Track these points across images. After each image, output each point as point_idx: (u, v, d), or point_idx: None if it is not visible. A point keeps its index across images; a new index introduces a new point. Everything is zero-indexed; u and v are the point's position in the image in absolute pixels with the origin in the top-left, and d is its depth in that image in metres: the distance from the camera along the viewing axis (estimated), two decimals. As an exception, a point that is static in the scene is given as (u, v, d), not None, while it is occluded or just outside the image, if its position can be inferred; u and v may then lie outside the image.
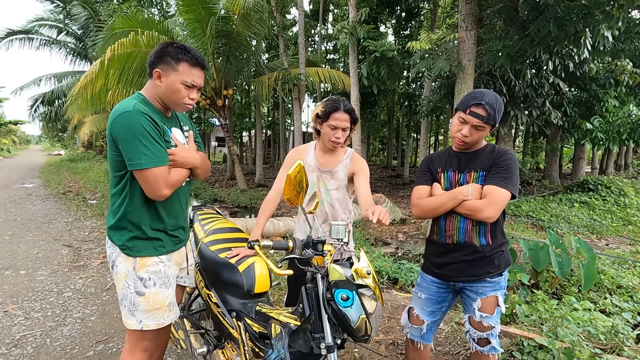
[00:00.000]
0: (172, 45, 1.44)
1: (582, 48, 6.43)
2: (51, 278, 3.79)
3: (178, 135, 1.56)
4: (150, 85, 1.49)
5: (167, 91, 1.44)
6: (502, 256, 1.71)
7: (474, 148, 1.74)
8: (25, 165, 20.20)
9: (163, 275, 1.52)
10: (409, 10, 13.08)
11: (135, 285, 1.48)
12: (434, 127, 21.36)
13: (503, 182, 1.60)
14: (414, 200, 1.80)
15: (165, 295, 1.53)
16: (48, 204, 8.00)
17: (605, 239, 6.87)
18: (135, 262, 1.47)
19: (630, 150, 20.02)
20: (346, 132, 1.89)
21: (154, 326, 1.50)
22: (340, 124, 1.83)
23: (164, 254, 1.54)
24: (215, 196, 11.65)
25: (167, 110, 1.55)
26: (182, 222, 1.64)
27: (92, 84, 8.43)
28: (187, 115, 1.75)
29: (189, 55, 1.43)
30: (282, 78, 11.20)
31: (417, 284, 1.89)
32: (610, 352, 2.30)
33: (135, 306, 1.48)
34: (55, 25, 17.61)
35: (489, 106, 1.59)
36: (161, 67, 1.42)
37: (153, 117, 1.40)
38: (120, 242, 1.47)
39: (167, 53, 1.42)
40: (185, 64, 1.42)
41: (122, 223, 1.48)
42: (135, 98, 1.44)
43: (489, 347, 1.69)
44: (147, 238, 1.49)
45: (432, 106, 9.69)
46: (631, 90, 9.75)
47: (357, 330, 1.25)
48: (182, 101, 1.47)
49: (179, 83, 1.42)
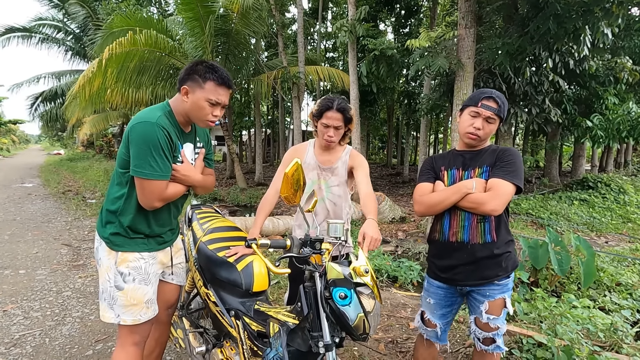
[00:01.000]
0: (202, 64, 1.49)
1: (581, 45, 6.42)
2: (50, 277, 3.78)
3: (188, 151, 1.62)
4: (177, 100, 1.55)
5: (192, 107, 1.50)
6: (510, 258, 1.68)
7: (479, 147, 1.73)
8: (24, 164, 20.18)
9: (143, 272, 1.55)
10: (409, 8, 13.05)
11: (115, 279, 1.51)
12: (434, 125, 21.32)
13: (508, 175, 1.59)
14: (416, 197, 1.77)
15: (143, 292, 1.55)
16: (47, 203, 7.99)
17: (604, 237, 6.88)
18: (117, 256, 1.52)
19: (630, 148, 20.03)
20: (339, 131, 1.89)
21: (130, 322, 1.54)
22: (332, 122, 1.84)
23: (146, 251, 1.57)
24: (214, 195, 11.64)
25: (188, 125, 1.61)
26: (170, 226, 1.67)
27: (90, 83, 8.40)
28: (208, 132, 1.81)
29: (216, 75, 1.48)
30: (281, 76, 11.18)
31: (424, 288, 1.87)
32: (609, 349, 2.30)
33: (114, 300, 1.52)
34: (54, 24, 17.58)
35: (499, 99, 1.64)
36: (189, 84, 1.48)
37: (170, 132, 1.47)
38: (105, 235, 1.53)
39: (196, 71, 1.47)
40: (212, 82, 1.47)
41: (112, 217, 1.53)
42: (162, 109, 1.50)
43: (493, 346, 1.69)
44: (129, 237, 1.54)
45: (431, 104, 9.67)
46: (631, 88, 9.74)
47: (355, 329, 1.25)
48: (206, 118, 1.52)
49: (204, 101, 1.48)
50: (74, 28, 17.57)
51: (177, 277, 1.80)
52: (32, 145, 78.64)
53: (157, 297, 1.65)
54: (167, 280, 1.76)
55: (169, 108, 1.53)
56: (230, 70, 10.94)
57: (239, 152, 23.59)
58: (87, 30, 15.93)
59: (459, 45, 6.46)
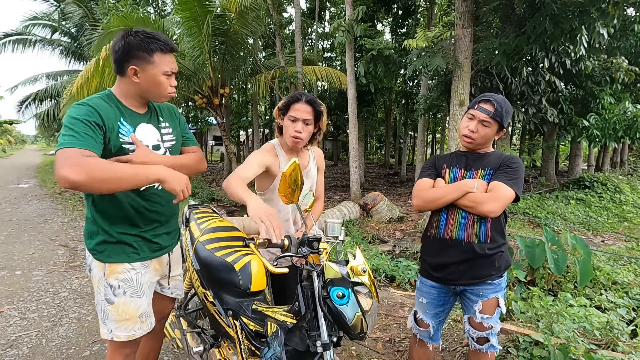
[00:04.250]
0: (134, 35, 1.31)
1: (578, 45, 6.45)
2: (47, 278, 3.77)
3: (145, 131, 1.41)
4: (122, 84, 1.37)
5: (149, 86, 1.36)
6: (502, 257, 1.70)
7: (482, 150, 1.73)
8: (21, 165, 20.07)
9: (134, 283, 1.42)
10: (406, 8, 13.07)
11: (105, 292, 1.39)
12: (431, 125, 21.35)
13: (510, 181, 1.60)
14: (416, 192, 1.77)
15: (136, 306, 1.43)
16: (44, 203, 7.95)
17: (601, 236, 6.91)
18: (105, 267, 1.39)
19: (626, 147, 20.11)
20: (308, 127, 1.71)
21: (124, 337, 1.42)
22: (300, 115, 1.66)
23: (137, 260, 1.43)
24: (212, 195, 11.61)
25: (143, 106, 1.44)
26: (165, 228, 1.54)
27: (88, 83, 8.36)
28: (174, 109, 1.62)
29: (160, 43, 1.32)
30: (279, 76, 11.18)
31: (417, 288, 1.89)
32: (605, 347, 2.32)
33: (106, 315, 1.41)
34: (49, 24, 17.46)
35: (496, 102, 1.63)
36: (135, 63, 1.31)
37: (104, 111, 1.28)
38: (91, 246, 1.40)
39: (136, 46, 1.29)
40: (159, 53, 1.33)
41: (92, 226, 1.41)
42: (98, 95, 1.35)
43: (487, 345, 1.70)
44: (116, 242, 1.39)
45: (429, 104, 9.69)
46: (627, 88, 9.81)
47: (353, 328, 1.25)
48: (166, 92, 1.40)
49: (161, 75, 1.35)
50: (70, 27, 17.47)
51: (176, 290, 1.69)
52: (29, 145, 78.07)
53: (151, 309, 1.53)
54: (166, 294, 1.66)
55: (108, 92, 1.37)
56: (227, 70, 10.92)
57: (236, 152, 23.54)
58: (84, 30, 15.84)
59: (456, 45, 6.48)
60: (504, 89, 7.67)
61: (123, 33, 1.33)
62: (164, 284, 1.63)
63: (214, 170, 18.59)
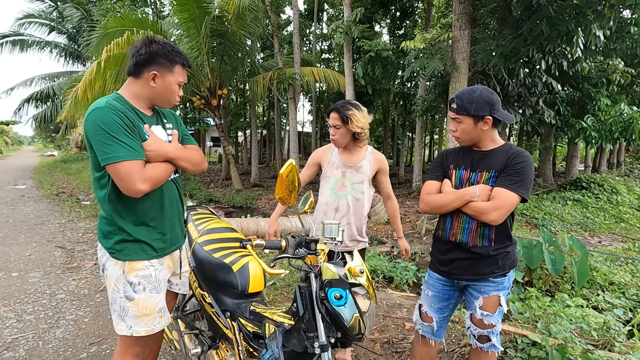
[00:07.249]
0: (160, 45, 1.43)
1: (574, 47, 6.50)
2: (44, 280, 3.75)
3: (157, 133, 1.51)
4: (135, 85, 1.45)
5: (162, 92, 1.47)
6: (507, 257, 1.70)
7: (488, 147, 1.72)
8: (17, 166, 19.98)
9: (153, 279, 1.48)
10: (404, 9, 13.13)
11: (124, 289, 1.44)
12: (429, 126, 21.44)
13: (513, 185, 1.60)
14: (423, 195, 1.83)
15: (155, 301, 1.48)
16: (41, 205, 7.92)
17: (598, 237, 6.94)
18: (124, 265, 1.43)
19: (622, 149, 20.21)
20: (340, 131, 2.05)
21: (144, 332, 1.46)
22: (332, 122, 2.06)
23: (155, 257, 1.49)
24: (210, 196, 11.60)
25: (149, 109, 1.52)
26: (174, 224, 1.58)
27: (91, 86, 8.35)
28: (174, 112, 1.72)
29: (182, 58, 1.48)
30: (277, 78, 11.20)
31: (425, 280, 1.92)
32: (602, 347, 2.32)
33: (125, 311, 1.44)
34: (46, 23, 17.39)
35: (457, 98, 1.67)
36: (156, 69, 1.42)
37: (125, 113, 1.36)
38: (109, 245, 1.44)
39: (161, 54, 1.42)
40: (179, 66, 1.47)
41: (108, 226, 1.44)
42: (108, 97, 1.41)
43: (489, 345, 1.70)
44: (135, 240, 1.44)
45: (426, 105, 9.73)
46: (623, 89, 9.86)
47: (350, 329, 1.26)
48: (174, 100, 1.52)
49: (175, 84, 1.48)
50: (68, 28, 17.42)
51: (184, 287, 1.73)
52: (26, 146, 77.83)
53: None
54: (174, 290, 1.68)
55: (117, 95, 1.44)
56: (225, 71, 10.93)
57: (234, 154, 23.53)
58: (82, 31, 15.80)
59: (454, 47, 6.51)
60: (501, 90, 7.71)
61: (150, 39, 1.45)
62: (172, 281, 1.67)
63: (211, 172, 18.56)
